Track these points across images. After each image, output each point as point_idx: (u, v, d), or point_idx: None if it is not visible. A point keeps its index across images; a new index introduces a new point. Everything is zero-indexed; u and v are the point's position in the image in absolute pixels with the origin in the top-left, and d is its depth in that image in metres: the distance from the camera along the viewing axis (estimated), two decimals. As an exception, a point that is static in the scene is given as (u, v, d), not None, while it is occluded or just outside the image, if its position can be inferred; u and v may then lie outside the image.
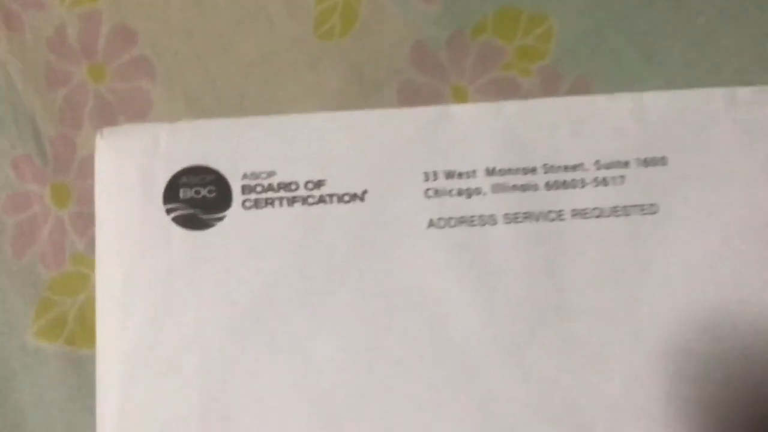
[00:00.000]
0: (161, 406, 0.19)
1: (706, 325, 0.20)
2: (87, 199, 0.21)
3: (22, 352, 0.20)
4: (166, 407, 0.19)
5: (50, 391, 0.20)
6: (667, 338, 0.20)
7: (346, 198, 0.21)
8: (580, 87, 0.24)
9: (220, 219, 0.21)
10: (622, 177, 0.22)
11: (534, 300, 0.20)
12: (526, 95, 0.24)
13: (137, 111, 0.23)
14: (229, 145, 0.22)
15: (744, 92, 0.23)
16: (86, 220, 0.21)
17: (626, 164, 0.22)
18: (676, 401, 0.20)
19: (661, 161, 0.22)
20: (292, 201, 0.21)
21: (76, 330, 0.20)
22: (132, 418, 0.19)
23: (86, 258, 0.21)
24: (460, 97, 0.24)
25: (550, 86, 0.24)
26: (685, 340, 0.20)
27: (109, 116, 0.22)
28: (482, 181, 0.22)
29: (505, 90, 0.23)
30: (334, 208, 0.21)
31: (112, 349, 0.20)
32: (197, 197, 0.21)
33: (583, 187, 0.22)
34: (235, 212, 0.21)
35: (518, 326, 0.20)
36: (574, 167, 0.22)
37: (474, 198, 0.21)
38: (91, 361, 0.19)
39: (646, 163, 0.22)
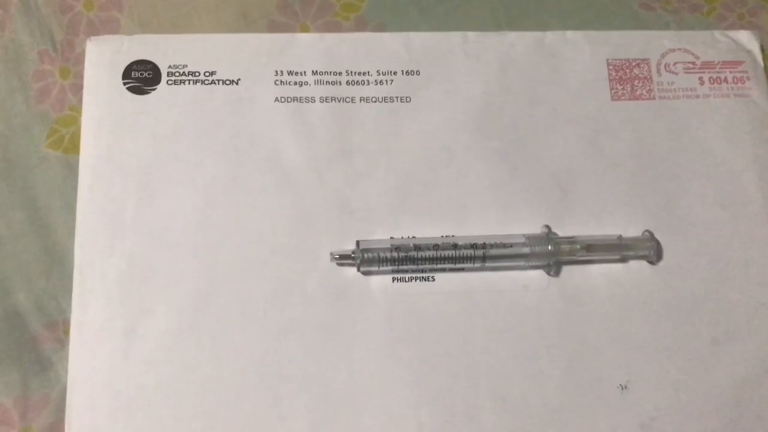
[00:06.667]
0: (115, 201, 0.34)
1: (432, 162, 0.35)
2: (79, 76, 0.35)
3: (38, 156, 0.35)
4: (116, 201, 0.34)
5: (54, 179, 0.35)
6: (408, 168, 0.35)
7: (228, 82, 0.36)
8: (379, 28, 0.38)
9: (154, 89, 0.35)
10: (392, 80, 0.37)
11: (331, 141, 0.35)
12: (344, 32, 0.38)
13: (111, 29, 0.37)
14: (161, 49, 0.36)
15: (471, 35, 0.37)
16: (78, 88, 0.35)
17: (395, 73, 0.37)
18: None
19: (417, 72, 0.37)
20: (195, 82, 0.36)
21: (69, 146, 0.36)
22: (96, 199, 0.34)
23: (77, 108, 0.35)
24: (304, 30, 0.38)
25: (360, 28, 0.38)
26: (416, 171, 0.35)
27: (95, 30, 0.37)
28: (309, 78, 0.36)
29: (332, 29, 0.38)
30: (220, 88, 0.35)
31: (89, 156, 0.34)
32: (141, 77, 0.35)
33: (368, 84, 0.37)
34: (162, 87, 0.35)
35: (320, 159, 0.34)
36: (364, 73, 0.37)
37: (303, 86, 0.36)
38: (77, 163, 0.34)
39: (407, 73, 0.37)
